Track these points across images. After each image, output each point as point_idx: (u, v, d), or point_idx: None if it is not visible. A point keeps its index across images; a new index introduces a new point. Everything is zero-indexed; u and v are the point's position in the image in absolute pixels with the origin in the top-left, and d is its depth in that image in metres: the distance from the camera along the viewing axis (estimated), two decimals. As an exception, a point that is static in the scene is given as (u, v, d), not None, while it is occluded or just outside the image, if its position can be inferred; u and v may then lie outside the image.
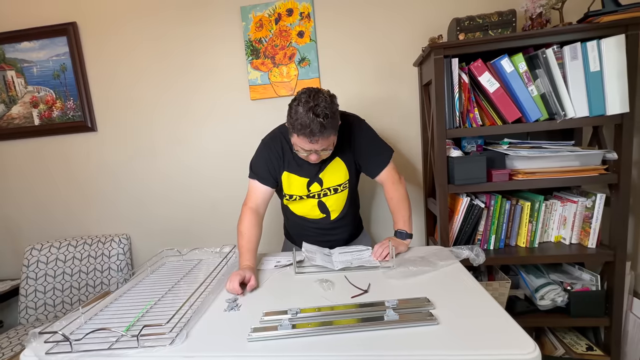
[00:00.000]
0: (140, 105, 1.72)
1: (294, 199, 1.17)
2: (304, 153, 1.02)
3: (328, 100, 0.96)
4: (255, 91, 1.64)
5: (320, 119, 0.92)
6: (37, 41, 1.70)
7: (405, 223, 1.16)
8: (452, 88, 1.24)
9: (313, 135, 0.94)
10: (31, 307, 1.69)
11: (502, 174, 1.27)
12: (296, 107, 0.96)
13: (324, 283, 0.94)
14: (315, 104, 0.93)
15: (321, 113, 0.93)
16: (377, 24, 1.55)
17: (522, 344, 0.63)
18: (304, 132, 0.94)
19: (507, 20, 1.24)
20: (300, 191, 1.15)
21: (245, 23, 1.59)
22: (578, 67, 1.18)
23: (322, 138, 0.96)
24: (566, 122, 1.22)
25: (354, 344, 0.67)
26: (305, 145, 0.98)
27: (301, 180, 1.14)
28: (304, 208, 1.20)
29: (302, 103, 0.95)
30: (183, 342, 0.71)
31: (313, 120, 0.92)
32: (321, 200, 1.16)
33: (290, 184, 1.15)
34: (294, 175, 1.13)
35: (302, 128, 0.94)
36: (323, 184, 1.14)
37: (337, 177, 1.14)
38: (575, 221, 1.35)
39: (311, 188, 1.15)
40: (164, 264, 1.20)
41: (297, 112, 0.95)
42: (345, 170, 1.15)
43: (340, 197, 1.18)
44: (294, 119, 0.96)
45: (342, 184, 1.16)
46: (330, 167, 1.13)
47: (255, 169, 1.15)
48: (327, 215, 1.20)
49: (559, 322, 1.36)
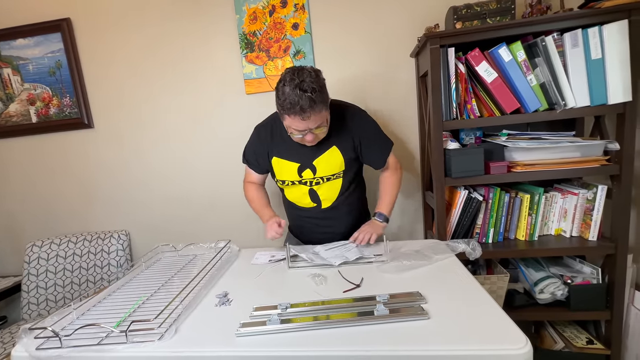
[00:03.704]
0: (136, 101, 1.71)
1: (287, 184, 1.18)
2: (299, 135, 1.01)
3: (313, 75, 0.95)
4: (250, 85, 1.62)
5: (309, 94, 0.91)
6: (32, 38, 1.70)
7: (387, 207, 1.20)
8: (448, 78, 1.21)
9: (304, 111, 0.93)
10: (33, 302, 1.71)
11: (500, 166, 1.24)
12: (282, 88, 0.94)
13: (316, 278, 0.93)
14: (300, 80, 0.93)
15: (308, 88, 0.92)
16: (372, 15, 1.51)
17: (514, 339, 0.62)
18: (294, 110, 0.93)
19: (505, 8, 1.20)
20: (291, 176, 1.15)
21: (239, 16, 1.56)
22: (579, 54, 1.15)
23: (314, 113, 0.95)
24: (566, 112, 1.18)
25: (342, 339, 0.66)
26: (299, 125, 0.97)
27: (291, 165, 1.13)
28: (295, 194, 1.20)
29: (287, 82, 0.94)
30: (172, 338, 0.71)
31: (301, 97, 0.91)
32: (312, 188, 1.16)
33: (281, 169, 1.16)
34: (284, 160, 1.14)
35: (291, 106, 0.93)
36: (316, 172, 1.13)
37: (332, 166, 1.13)
38: (576, 214, 1.32)
39: (303, 174, 1.14)
40: (159, 259, 1.20)
41: (284, 92, 0.94)
42: (341, 160, 1.13)
43: (333, 186, 1.16)
44: (282, 100, 0.95)
45: (336, 174, 1.15)
46: (326, 156, 1.12)
47: (246, 155, 1.24)
48: (318, 205, 1.19)
49: (558, 316, 1.34)
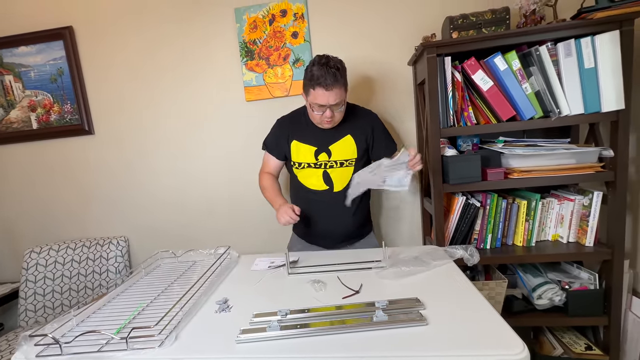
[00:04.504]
0: (136, 108, 1.73)
1: (302, 166, 1.28)
2: (319, 112, 1.15)
3: (337, 60, 1.14)
4: (250, 92, 1.64)
5: (333, 69, 1.09)
6: (34, 46, 1.72)
7: None
8: (445, 87, 1.24)
9: (327, 84, 1.08)
10: (30, 309, 1.70)
11: (497, 173, 1.26)
12: (311, 68, 1.12)
13: (315, 284, 0.93)
14: (327, 60, 1.11)
15: (333, 65, 1.10)
16: (370, 24, 1.54)
17: (511, 344, 0.62)
18: (319, 82, 1.08)
19: (500, 18, 1.23)
20: (308, 159, 1.27)
21: (240, 24, 1.59)
22: (572, 63, 1.17)
23: (336, 87, 1.10)
24: (561, 120, 1.20)
25: (342, 345, 0.67)
26: (322, 98, 1.10)
27: (310, 148, 1.26)
28: (310, 178, 1.29)
29: (316, 62, 1.11)
30: (172, 344, 0.71)
31: (328, 71, 1.08)
32: (326, 171, 1.27)
33: (299, 152, 1.28)
34: (303, 144, 1.27)
35: (318, 78, 1.08)
36: (331, 156, 1.25)
37: (346, 152, 1.26)
38: (572, 219, 1.33)
39: (319, 157, 1.26)
40: (159, 265, 1.20)
41: (311, 70, 1.11)
42: (355, 147, 1.26)
43: (345, 171, 1.27)
44: (310, 75, 1.11)
45: (349, 160, 1.26)
46: (341, 142, 1.25)
47: (267, 142, 1.36)
48: (331, 187, 1.28)
49: (557, 322, 1.35)
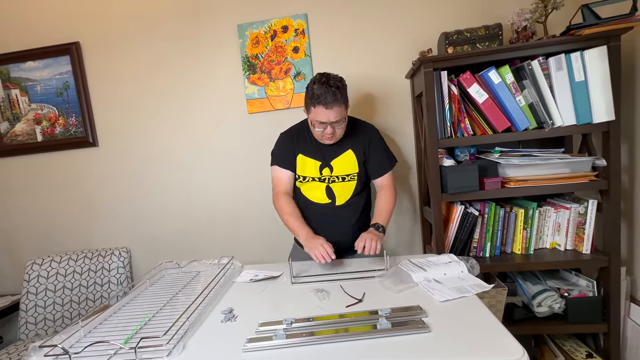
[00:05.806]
0: (140, 121, 1.76)
1: (307, 180, 1.28)
2: (320, 128, 1.16)
3: (338, 78, 1.16)
4: (252, 105, 1.68)
5: (333, 88, 1.11)
6: (41, 61, 1.76)
7: (384, 220, 1.26)
8: (442, 99, 1.28)
9: (327, 102, 1.10)
10: (31, 322, 1.69)
11: (494, 182, 1.29)
12: (312, 86, 1.14)
13: (319, 293, 0.95)
14: (327, 78, 1.13)
15: (333, 84, 1.12)
16: (369, 39, 1.60)
17: (512, 351, 0.64)
18: (319, 101, 1.11)
19: (493, 34, 1.28)
20: (312, 173, 1.27)
21: (242, 40, 1.64)
22: (563, 77, 1.22)
23: (336, 105, 1.12)
24: (554, 131, 1.25)
25: (347, 352, 0.68)
26: (322, 116, 1.12)
27: (314, 162, 1.27)
28: (313, 191, 1.30)
29: (316, 81, 1.14)
30: (180, 354, 0.72)
31: (328, 90, 1.10)
32: (329, 185, 1.28)
33: (304, 166, 1.28)
34: (308, 157, 1.27)
35: (318, 97, 1.11)
36: (333, 171, 1.26)
37: (347, 166, 1.27)
38: (569, 227, 1.36)
39: (323, 172, 1.27)
40: (163, 276, 1.21)
41: (312, 89, 1.13)
42: (356, 163, 1.27)
43: (347, 186, 1.28)
44: (310, 95, 1.14)
45: (351, 175, 1.27)
46: (343, 157, 1.26)
47: (274, 155, 1.33)
48: (333, 201, 1.29)
49: (557, 329, 1.36)
